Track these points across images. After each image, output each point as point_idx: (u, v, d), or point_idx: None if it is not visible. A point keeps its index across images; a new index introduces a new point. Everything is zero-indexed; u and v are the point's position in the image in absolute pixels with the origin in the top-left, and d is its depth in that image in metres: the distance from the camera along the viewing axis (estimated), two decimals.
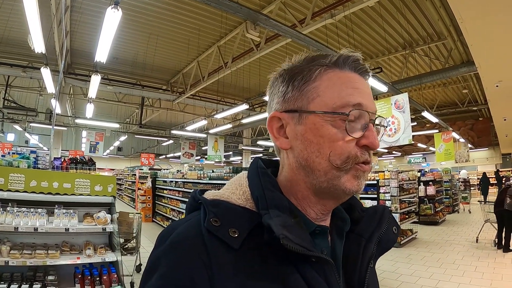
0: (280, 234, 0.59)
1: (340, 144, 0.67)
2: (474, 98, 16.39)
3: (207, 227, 0.63)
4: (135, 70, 12.92)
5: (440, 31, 9.49)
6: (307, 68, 0.73)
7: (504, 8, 4.52)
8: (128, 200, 19.19)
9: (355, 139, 0.68)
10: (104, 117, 18.17)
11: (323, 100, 0.69)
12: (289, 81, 0.74)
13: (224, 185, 0.77)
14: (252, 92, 15.58)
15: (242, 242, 0.63)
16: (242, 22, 9.07)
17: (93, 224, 4.01)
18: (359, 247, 0.77)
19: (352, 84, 0.71)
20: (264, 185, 0.71)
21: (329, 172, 0.68)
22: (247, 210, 0.69)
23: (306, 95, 0.71)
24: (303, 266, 0.64)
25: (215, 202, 0.68)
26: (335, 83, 0.70)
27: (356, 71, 0.73)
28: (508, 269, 6.77)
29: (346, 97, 0.68)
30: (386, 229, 0.81)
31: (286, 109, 0.74)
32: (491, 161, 25.41)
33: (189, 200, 0.76)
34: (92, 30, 9.32)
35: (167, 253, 0.62)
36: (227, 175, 7.92)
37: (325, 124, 0.68)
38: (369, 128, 0.69)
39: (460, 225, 13.06)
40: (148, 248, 8.40)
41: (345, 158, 0.67)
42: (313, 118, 0.69)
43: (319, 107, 0.69)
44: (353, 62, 0.73)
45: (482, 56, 6.35)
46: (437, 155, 14.85)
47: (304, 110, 0.71)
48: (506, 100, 9.51)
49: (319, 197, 0.72)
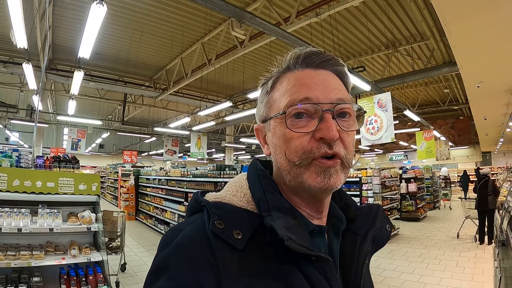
0: (284, 235, 0.62)
1: (293, 141, 0.70)
2: (455, 97, 16.67)
3: (212, 230, 0.65)
4: (118, 66, 12.74)
5: (423, 32, 9.61)
6: (269, 80, 0.80)
7: (487, 12, 4.63)
8: (111, 198, 19.00)
9: (309, 134, 0.70)
10: (86, 114, 17.86)
11: (276, 105, 0.75)
12: (261, 95, 0.82)
13: (224, 187, 0.80)
14: (235, 89, 15.55)
15: (246, 243, 0.65)
16: (226, 19, 9.02)
17: (78, 224, 3.96)
18: (355, 244, 0.79)
19: (300, 81, 0.73)
20: (265, 187, 0.74)
21: (292, 171, 0.71)
22: (249, 212, 0.71)
23: (267, 105, 0.78)
24: (304, 265, 0.67)
25: (217, 204, 0.71)
26: (284, 87, 0.75)
27: (308, 67, 0.75)
28: (488, 263, 6.92)
29: (292, 95, 0.72)
30: (380, 227, 0.84)
31: (260, 120, 0.82)
32: (471, 159, 25.95)
33: (190, 202, 0.78)
34: (75, 25, 9.17)
35: (175, 254, 0.64)
36: (211, 172, 7.87)
37: (279, 125, 0.73)
38: (324, 119, 0.69)
39: (441, 221, 13.33)
40: (132, 247, 8.34)
41: (300, 154, 0.69)
42: (272, 123, 0.76)
43: (273, 112, 0.75)
44: (304, 59, 0.75)
45: (464, 57, 6.47)
46: (418, 153, 15.06)
47: (267, 118, 0.78)
48: (487, 100, 9.71)
49: (298, 197, 0.75)
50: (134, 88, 13.87)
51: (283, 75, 0.78)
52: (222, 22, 9.36)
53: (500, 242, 5.02)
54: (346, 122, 0.73)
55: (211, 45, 10.41)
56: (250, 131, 23.82)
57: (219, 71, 11.89)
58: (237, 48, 9.50)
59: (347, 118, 0.74)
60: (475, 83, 7.90)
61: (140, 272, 6.51)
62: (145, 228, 11.51)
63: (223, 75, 12.79)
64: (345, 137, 0.72)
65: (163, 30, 9.86)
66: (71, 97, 10.21)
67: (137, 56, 11.86)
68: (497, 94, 8.96)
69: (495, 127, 14.65)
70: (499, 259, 4.78)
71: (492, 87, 8.24)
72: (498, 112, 11.35)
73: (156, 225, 10.80)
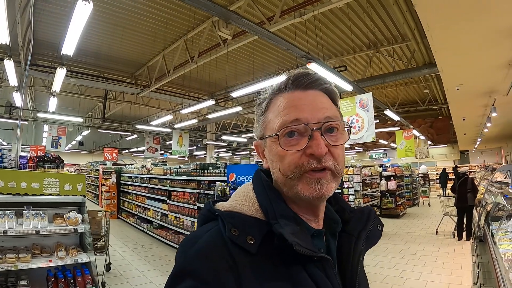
0: (293, 241, 0.70)
1: (287, 158, 0.79)
2: (434, 97, 16.96)
3: (228, 236, 0.72)
4: (99, 62, 12.51)
5: (404, 33, 9.75)
6: (264, 101, 0.88)
7: (468, 19, 4.78)
8: (92, 197, 18.70)
9: (301, 151, 0.78)
10: (65, 111, 17.50)
11: (270, 125, 0.84)
12: (257, 114, 0.91)
13: (231, 196, 0.88)
14: (218, 87, 15.50)
15: (257, 247, 0.72)
16: (210, 17, 8.97)
17: (64, 225, 3.91)
18: (350, 244, 0.87)
19: (291, 103, 0.82)
20: (271, 198, 0.82)
21: (286, 183, 0.80)
22: (258, 220, 0.78)
23: (263, 124, 0.87)
24: (308, 265, 0.75)
25: (230, 214, 0.78)
26: (276, 108, 0.83)
27: (297, 88, 0.83)
28: (466, 258, 7.12)
29: (283, 117, 0.80)
30: (372, 227, 0.93)
31: (258, 137, 0.90)
32: (450, 157, 26.47)
33: (203, 212, 0.85)
34: (57, 20, 8.99)
35: (198, 258, 0.69)
36: (194, 171, 7.85)
37: (273, 144, 0.82)
38: (313, 137, 0.78)
39: (420, 217, 13.61)
40: (116, 247, 8.27)
41: (293, 168, 0.78)
42: (268, 141, 0.84)
43: (269, 132, 0.84)
44: (293, 82, 0.84)
45: (445, 61, 6.64)
46: (398, 151, 15.29)
47: (264, 137, 0.86)
48: (466, 102, 9.96)
49: (297, 204, 0.83)
50: (115, 84, 13.65)
51: (275, 96, 0.86)
52: (206, 20, 9.31)
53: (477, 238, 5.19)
54: (334, 136, 0.81)
55: (194, 43, 10.34)
56: (231, 128, 23.79)
57: (202, 68, 11.82)
58: (220, 46, 9.47)
59: (335, 133, 0.82)
60: (455, 85, 8.10)
61: (124, 272, 6.47)
62: (127, 227, 11.41)
63: (206, 72, 12.73)
64: (334, 150, 0.80)
65: (146, 26, 9.74)
66: (52, 94, 10.01)
67: (119, 52, 11.70)
68: (476, 96, 9.21)
69: (473, 127, 14.99)
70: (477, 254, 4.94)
71: (471, 89, 8.46)
72: (476, 113, 11.64)
73: (139, 223, 10.70)
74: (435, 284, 5.79)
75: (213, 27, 8.86)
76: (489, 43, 5.61)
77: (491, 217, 4.72)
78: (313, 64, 6.94)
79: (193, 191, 7.75)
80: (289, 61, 12.10)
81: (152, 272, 6.49)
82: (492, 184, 6.99)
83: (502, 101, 9.02)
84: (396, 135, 15.44)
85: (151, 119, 19.93)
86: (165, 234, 8.76)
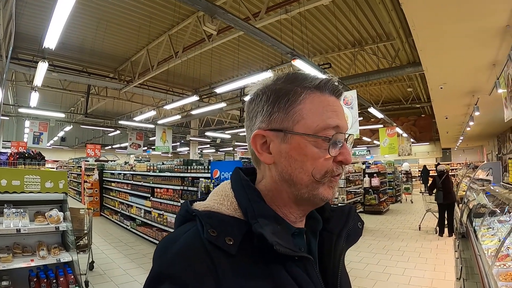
0: (273, 241, 0.68)
1: (320, 162, 0.77)
2: (417, 96, 17.14)
3: (206, 238, 0.69)
4: (82, 56, 12.27)
5: (389, 32, 9.83)
6: (292, 90, 0.79)
7: (454, 19, 4.83)
8: (74, 194, 18.41)
9: (333, 157, 0.78)
10: (47, 106, 17.18)
11: (307, 122, 0.77)
12: (275, 101, 0.79)
13: (209, 196, 0.84)
14: (202, 83, 15.41)
15: (237, 248, 0.70)
16: (195, 12, 8.89)
17: (46, 224, 3.82)
18: (331, 242, 0.87)
19: (332, 107, 0.79)
20: (250, 197, 0.79)
21: (310, 185, 0.78)
22: (237, 220, 0.75)
23: (292, 117, 0.78)
24: (289, 264, 0.73)
25: (208, 214, 0.75)
26: (317, 107, 0.78)
27: (333, 94, 0.82)
28: (449, 254, 7.24)
29: (327, 120, 0.77)
30: (352, 225, 0.92)
31: (271, 128, 0.79)
32: (432, 155, 26.91)
33: (180, 212, 0.82)
34: (39, 13, 8.76)
35: (177, 261, 0.67)
36: (177, 167, 7.78)
37: (308, 144, 0.76)
38: (344, 146, 0.79)
39: (403, 214, 13.82)
40: (99, 245, 8.16)
41: (324, 173, 0.77)
42: (298, 138, 0.77)
43: (303, 129, 0.77)
44: (332, 86, 0.81)
45: (430, 60, 6.70)
46: (381, 148, 15.46)
47: (290, 131, 0.77)
48: (449, 101, 10.09)
49: (299, 204, 0.82)
50: (98, 79, 13.39)
51: (314, 92, 0.80)
52: (191, 15, 9.21)
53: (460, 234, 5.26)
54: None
55: (178, 38, 10.24)
56: (214, 124, 23.73)
57: (186, 64, 11.72)
58: (205, 41, 9.39)
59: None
60: (439, 84, 8.20)
61: (108, 270, 6.39)
62: (110, 225, 11.28)
63: (190, 68, 12.62)
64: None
65: (130, 21, 9.59)
66: (34, 89, 9.78)
67: (102, 47, 11.49)
68: (459, 95, 9.34)
69: (456, 126, 15.20)
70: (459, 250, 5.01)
71: (454, 89, 8.57)
72: (459, 112, 11.81)
73: (122, 221, 10.59)
74: (419, 279, 5.87)
75: (198, 22, 8.78)
76: (474, 43, 5.68)
77: (473, 214, 4.79)
78: (298, 61, 6.94)
79: (176, 188, 7.69)
80: (274, 58, 12.08)
81: (135, 270, 6.42)
82: (474, 181, 7.11)
83: (485, 101, 9.16)
84: (380, 133, 15.61)
85: (134, 115, 19.79)
86: (149, 232, 8.69)
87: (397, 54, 10.65)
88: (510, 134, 15.66)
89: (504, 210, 3.87)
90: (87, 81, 12.98)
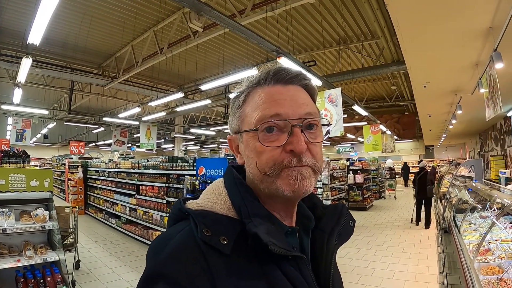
0: (268, 241, 0.68)
1: (265, 154, 0.76)
2: (401, 94, 17.36)
3: (201, 237, 0.69)
4: (66, 52, 12.04)
5: (374, 31, 9.93)
6: (240, 93, 0.85)
7: (437, 20, 4.90)
8: (58, 192, 18.11)
9: (280, 147, 0.76)
10: (30, 102, 16.83)
11: (248, 119, 0.80)
12: (231, 107, 0.87)
13: (202, 194, 0.84)
14: (186, 79, 15.33)
15: (232, 247, 0.70)
16: (180, 8, 8.83)
17: (32, 223, 3.77)
18: (323, 241, 0.87)
19: (271, 97, 0.79)
20: (244, 195, 0.79)
21: (263, 180, 0.77)
22: (231, 219, 0.76)
23: (240, 118, 0.83)
24: (282, 263, 0.73)
25: (202, 213, 0.75)
26: (255, 102, 0.80)
27: (278, 83, 0.81)
28: (432, 249, 7.39)
29: (263, 111, 0.77)
30: (344, 224, 0.92)
31: (233, 132, 0.87)
32: (415, 152, 27.28)
33: (173, 211, 0.82)
34: (22, 7, 8.57)
35: (170, 261, 0.67)
36: (163, 164, 7.74)
37: (251, 139, 0.79)
38: (293, 133, 0.76)
39: (387, 210, 14.00)
40: (84, 243, 8.08)
41: (271, 165, 0.75)
42: (245, 136, 0.81)
43: (246, 126, 0.80)
44: (274, 75, 0.81)
45: (413, 60, 6.80)
46: (365, 146, 15.60)
47: (240, 131, 0.83)
48: (432, 99, 10.26)
49: (274, 201, 0.81)
50: (82, 75, 13.17)
51: (254, 89, 0.83)
52: (176, 11, 9.14)
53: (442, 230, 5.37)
54: (314, 133, 0.80)
55: (164, 34, 10.16)
56: (199, 121, 23.64)
57: (171, 60, 11.65)
58: (190, 38, 9.34)
59: (314, 130, 0.81)
60: (422, 83, 8.32)
61: (94, 269, 6.34)
62: (95, 223, 11.16)
63: (175, 64, 12.54)
64: (312, 148, 0.79)
65: (115, 16, 9.46)
66: (17, 85, 9.58)
67: (87, 42, 11.31)
68: (442, 94, 9.50)
69: (439, 124, 15.43)
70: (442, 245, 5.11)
71: (437, 87, 8.72)
72: (442, 110, 12.00)
73: (107, 219, 10.50)
74: (403, 273, 6.00)
75: (184, 19, 8.73)
76: (458, 44, 5.78)
77: (455, 209, 4.90)
78: (283, 59, 6.97)
79: (162, 185, 7.66)
80: (259, 55, 12.07)
81: (122, 268, 6.39)
82: (456, 178, 7.25)
83: (468, 100, 9.33)
84: (364, 130, 15.76)
85: (118, 112, 19.50)
86: (134, 229, 8.63)
87: (381, 53, 10.76)
88: (492, 132, 15.97)
89: (485, 206, 3.97)
90: (71, 77, 12.74)
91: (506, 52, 5.03)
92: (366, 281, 5.72)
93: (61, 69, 12.55)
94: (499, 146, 14.48)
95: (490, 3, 4.37)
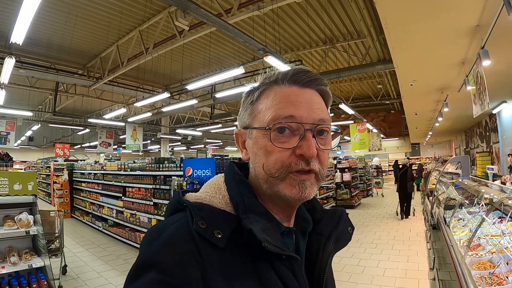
0: (262, 238, 0.68)
1: (273, 155, 0.75)
2: (387, 92, 17.54)
3: (195, 229, 0.70)
4: (50, 52, 11.84)
5: (360, 30, 9.99)
6: (256, 89, 0.83)
7: (425, 17, 4.94)
8: (43, 195, 17.82)
9: (290, 149, 0.75)
10: (14, 104, 16.49)
11: (261, 116, 0.79)
12: (244, 102, 0.86)
13: (202, 188, 0.84)
14: (172, 79, 15.27)
15: (226, 242, 0.70)
16: (166, 7, 8.76)
17: (15, 228, 3.67)
18: (319, 244, 0.87)
19: (287, 98, 0.78)
20: (242, 191, 0.79)
21: (268, 180, 0.77)
22: (227, 214, 0.76)
23: (251, 114, 0.82)
24: (276, 262, 0.73)
25: (199, 206, 0.75)
26: (270, 100, 0.79)
27: (295, 84, 0.80)
28: (421, 245, 7.46)
29: (278, 111, 0.76)
30: (342, 229, 0.91)
31: (242, 126, 0.86)
32: (401, 150, 27.60)
33: (171, 202, 0.82)
34: (4, 5, 8.37)
35: (164, 250, 0.67)
36: (149, 165, 7.65)
37: (261, 137, 0.78)
38: (305, 137, 0.75)
39: (375, 207, 14.11)
40: (71, 248, 7.94)
41: (278, 167, 0.75)
42: (255, 133, 0.80)
43: (258, 123, 0.79)
44: (292, 76, 0.80)
45: (401, 58, 6.85)
46: (352, 144, 15.73)
47: (250, 127, 0.81)
48: (418, 97, 10.37)
49: (274, 202, 0.81)
50: (66, 76, 12.96)
51: (269, 87, 0.81)
52: (162, 10, 9.06)
53: (431, 226, 5.42)
54: (324, 140, 0.80)
55: (149, 33, 10.06)
56: (185, 121, 23.54)
57: (157, 60, 11.55)
58: (176, 37, 9.27)
59: (324, 136, 0.80)
60: (409, 81, 8.40)
61: (82, 274, 6.22)
62: (82, 226, 10.99)
63: (161, 64, 12.45)
64: (321, 154, 0.78)
65: (100, 16, 9.32)
66: (0, 86, 9.37)
67: (71, 42, 11.13)
68: (429, 92, 9.61)
69: (425, 121, 15.61)
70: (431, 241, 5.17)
71: (424, 85, 8.81)
72: (428, 108, 12.14)
73: (94, 222, 10.34)
74: (393, 270, 6.02)
75: (170, 18, 8.67)
76: (445, 42, 5.84)
77: (444, 206, 4.94)
78: (270, 57, 6.96)
79: (148, 187, 7.57)
80: (245, 54, 12.06)
81: (110, 273, 6.29)
82: (443, 175, 7.32)
83: (454, 97, 9.44)
84: (350, 129, 15.89)
85: (104, 113, 19.27)
86: (122, 232, 8.53)
87: (367, 52, 10.84)
88: (477, 129, 16.22)
89: (473, 202, 4.02)
90: (55, 78, 12.52)
91: (493, 49, 5.10)
92: (357, 279, 5.74)
93: (46, 70, 12.31)
94: (484, 143, 14.72)
95: (477, 1, 4.42)
